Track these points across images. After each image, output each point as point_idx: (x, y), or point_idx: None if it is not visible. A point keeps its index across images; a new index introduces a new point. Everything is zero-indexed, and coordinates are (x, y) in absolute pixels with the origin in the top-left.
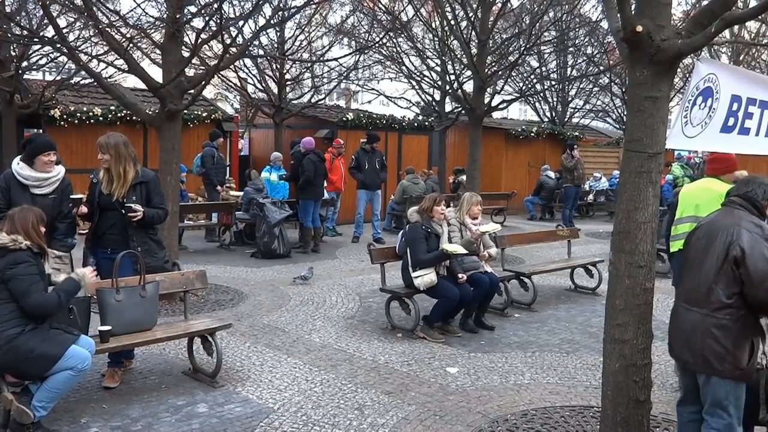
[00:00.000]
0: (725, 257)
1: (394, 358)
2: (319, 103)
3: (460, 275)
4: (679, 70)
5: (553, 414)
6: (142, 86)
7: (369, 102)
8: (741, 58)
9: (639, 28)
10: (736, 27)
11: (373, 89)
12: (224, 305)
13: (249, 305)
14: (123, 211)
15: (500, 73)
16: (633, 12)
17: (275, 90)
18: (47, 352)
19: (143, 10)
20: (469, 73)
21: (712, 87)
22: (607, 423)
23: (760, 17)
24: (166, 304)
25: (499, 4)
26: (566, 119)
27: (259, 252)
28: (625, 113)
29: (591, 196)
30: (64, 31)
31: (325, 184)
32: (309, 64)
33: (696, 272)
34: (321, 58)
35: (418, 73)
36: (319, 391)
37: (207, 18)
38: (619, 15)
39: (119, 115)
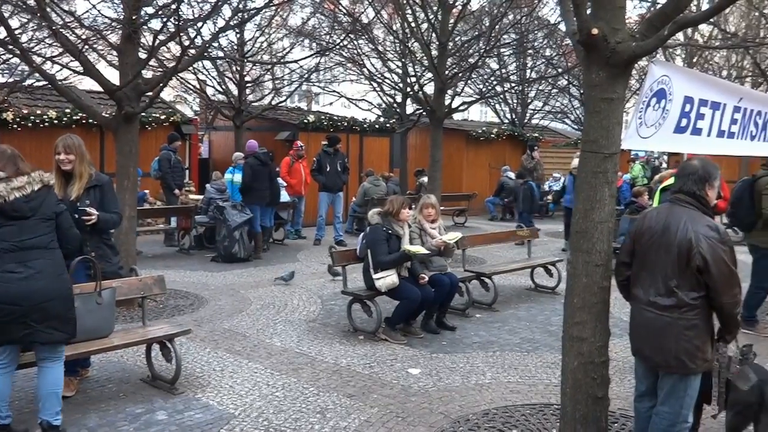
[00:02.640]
0: (687, 263)
1: (356, 360)
2: (280, 105)
3: (421, 276)
4: (634, 72)
5: (513, 413)
6: (99, 88)
7: (330, 104)
8: (695, 60)
9: (594, 31)
10: (689, 30)
11: (334, 91)
12: (184, 310)
13: (209, 310)
14: (76, 215)
15: (460, 75)
16: (589, 15)
17: (235, 92)
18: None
19: (99, 11)
20: (429, 75)
21: (666, 89)
22: (567, 420)
23: (711, 20)
24: (123, 311)
25: (459, 7)
26: (526, 120)
27: (219, 256)
28: (584, 114)
29: (550, 197)
30: (17, 32)
31: (285, 186)
32: (269, 66)
33: (652, 274)
34: (281, 60)
35: (379, 75)
36: (281, 396)
37: (164, 19)
38: (575, 18)
39: (74, 118)
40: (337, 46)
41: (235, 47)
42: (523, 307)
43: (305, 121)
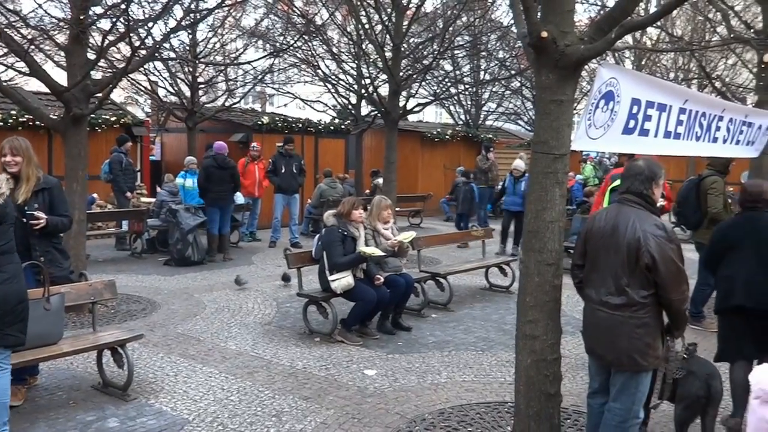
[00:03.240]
0: (636, 262)
1: (312, 362)
2: (234, 106)
3: (377, 277)
4: (585, 74)
5: (469, 411)
6: (46, 90)
7: (285, 105)
8: (643, 62)
9: (544, 34)
10: (638, 33)
11: (288, 92)
12: (136, 315)
13: (162, 314)
14: (24, 219)
15: (415, 76)
16: (539, 18)
17: (188, 93)
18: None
19: (45, 10)
20: (384, 76)
21: (614, 91)
22: (521, 417)
23: (658, 24)
24: (73, 317)
25: (413, 9)
26: (480, 122)
27: (172, 259)
28: (535, 115)
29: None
30: None
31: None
32: (222, 67)
33: (603, 273)
34: (235, 61)
35: (333, 77)
36: (236, 400)
37: (114, 19)
38: (525, 21)
39: (21, 120)
40: (291, 48)
41: (188, 48)
42: (478, 307)
43: (259, 122)
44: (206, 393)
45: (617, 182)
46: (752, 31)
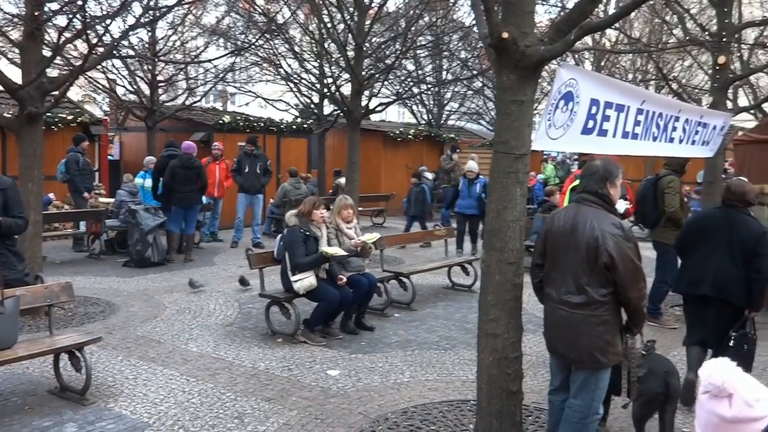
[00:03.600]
0: (595, 261)
1: (274, 363)
2: (195, 105)
3: (339, 276)
4: (545, 74)
5: (432, 410)
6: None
7: (246, 104)
8: (602, 63)
9: (505, 35)
10: (597, 35)
11: (250, 91)
12: (94, 318)
13: (121, 317)
14: None
15: (377, 76)
16: (500, 19)
17: (147, 92)
18: None
19: None
20: (346, 76)
21: (573, 91)
22: (483, 415)
23: (617, 26)
24: (29, 320)
25: (375, 8)
26: (442, 121)
27: (132, 261)
28: (496, 115)
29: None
30: None
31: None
32: (183, 66)
33: (563, 273)
34: (195, 60)
35: (295, 76)
36: (197, 402)
37: (70, 16)
38: (486, 21)
39: None
40: (253, 46)
41: (147, 46)
42: (441, 306)
43: (220, 121)
44: (167, 396)
45: (577, 182)
46: (707, 33)
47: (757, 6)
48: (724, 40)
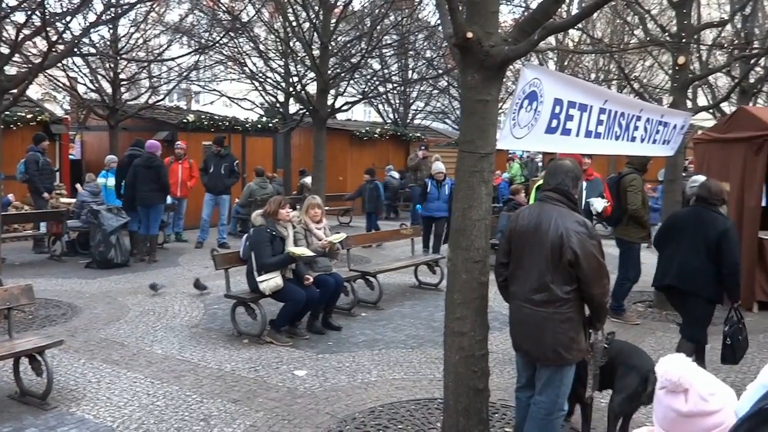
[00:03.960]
0: (560, 258)
1: (240, 365)
2: (158, 104)
3: (306, 276)
4: (510, 74)
5: (399, 409)
6: None
7: (211, 103)
8: (566, 63)
9: (470, 35)
10: (561, 35)
11: (214, 90)
12: (56, 321)
13: (84, 319)
14: None
15: (343, 75)
16: (464, 19)
17: (109, 90)
18: None
19: None
20: (312, 74)
21: (537, 91)
22: (450, 413)
23: (579, 26)
24: None
25: (341, 7)
26: (408, 120)
27: (94, 262)
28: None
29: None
30: None
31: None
32: (146, 64)
33: (528, 271)
34: (158, 58)
35: (261, 75)
36: (162, 405)
37: (29, 12)
38: (451, 21)
39: None
40: (217, 44)
41: (109, 43)
42: (408, 305)
43: (185, 120)
44: (131, 399)
45: (541, 181)
46: (667, 34)
47: (715, 8)
48: (684, 40)
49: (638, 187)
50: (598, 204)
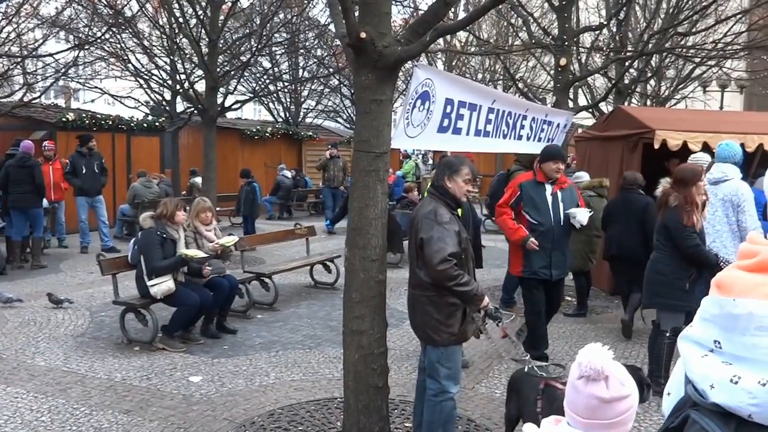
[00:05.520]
0: (416, 243)
1: (132, 373)
2: (34, 102)
3: (205, 266)
4: (401, 74)
5: (299, 410)
6: None
7: (92, 101)
8: (454, 64)
9: (363, 35)
10: (449, 36)
11: (96, 87)
12: None
13: None
14: None
15: (232, 73)
16: (357, 19)
17: None
18: None
19: None
20: (200, 72)
21: (429, 91)
22: (350, 412)
23: (468, 29)
24: None
25: (229, 4)
26: (300, 119)
27: None
28: (355, 114)
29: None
30: None
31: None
32: (19, 59)
33: (410, 255)
34: (33, 53)
35: (146, 72)
36: (48, 420)
37: None
38: (344, 21)
39: None
40: (98, 40)
41: None
42: (304, 305)
43: (64, 119)
44: (12, 416)
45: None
46: (550, 37)
47: (593, 12)
48: (565, 43)
49: None
50: (582, 216)
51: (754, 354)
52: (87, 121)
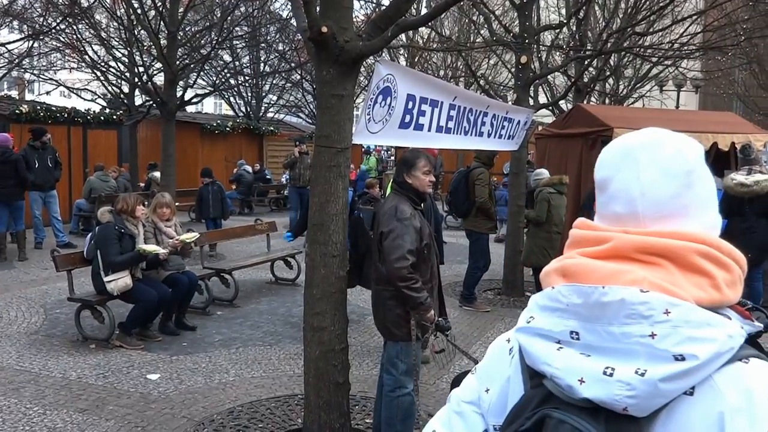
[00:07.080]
0: (379, 239)
1: (87, 371)
2: None
3: (174, 240)
4: (363, 69)
5: (259, 407)
6: None
7: (47, 93)
8: (416, 60)
9: (324, 29)
10: (411, 32)
11: (51, 79)
12: None
13: None
14: None
15: (192, 66)
16: (318, 13)
17: None
18: None
19: None
20: (159, 65)
21: (391, 87)
22: (311, 408)
23: (430, 25)
24: None
25: None
26: (261, 114)
27: None
28: (316, 109)
29: (287, 190)
30: None
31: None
32: None
33: (376, 251)
34: None
35: (103, 64)
36: None
37: None
38: (305, 15)
39: None
40: (53, 30)
41: None
42: (265, 301)
43: (17, 111)
44: None
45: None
46: (511, 34)
47: (553, 11)
48: (526, 41)
49: (485, 181)
50: None
51: (624, 344)
52: (42, 114)
